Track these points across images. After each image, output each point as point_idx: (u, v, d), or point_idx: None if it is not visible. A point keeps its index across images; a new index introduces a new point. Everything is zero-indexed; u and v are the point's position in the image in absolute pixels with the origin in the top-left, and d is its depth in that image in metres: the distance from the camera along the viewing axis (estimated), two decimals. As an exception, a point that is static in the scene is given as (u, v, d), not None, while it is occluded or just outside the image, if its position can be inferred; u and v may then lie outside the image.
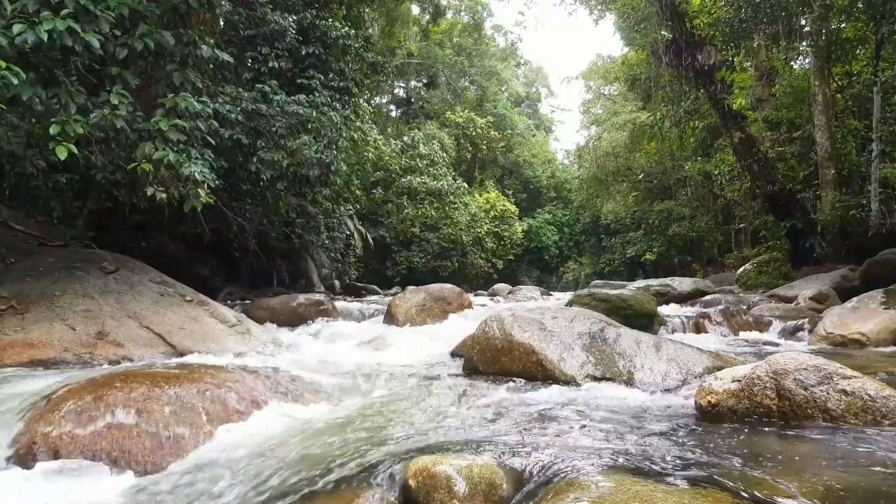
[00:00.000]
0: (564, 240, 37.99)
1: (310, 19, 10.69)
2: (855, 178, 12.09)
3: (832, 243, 11.87)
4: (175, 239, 10.73)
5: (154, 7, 5.07)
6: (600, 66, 33.97)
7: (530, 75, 49.41)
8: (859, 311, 5.36)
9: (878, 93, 10.51)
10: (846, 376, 2.41)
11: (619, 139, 27.80)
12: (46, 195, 7.40)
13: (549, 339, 3.57)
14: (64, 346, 4.31)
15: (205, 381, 2.77)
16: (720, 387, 2.64)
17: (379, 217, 25.18)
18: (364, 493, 1.72)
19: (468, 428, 2.35)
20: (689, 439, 2.15)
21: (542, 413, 2.61)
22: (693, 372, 3.36)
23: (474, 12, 36.67)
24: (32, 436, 2.31)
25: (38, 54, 4.39)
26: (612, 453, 1.92)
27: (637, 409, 2.70)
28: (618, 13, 20.83)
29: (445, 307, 7.95)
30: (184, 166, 5.10)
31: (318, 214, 14.31)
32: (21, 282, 5.04)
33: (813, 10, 10.44)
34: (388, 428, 2.43)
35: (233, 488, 1.94)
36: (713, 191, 22.14)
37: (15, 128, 5.78)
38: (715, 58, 14.20)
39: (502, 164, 38.33)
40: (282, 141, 9.11)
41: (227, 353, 4.83)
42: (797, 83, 13.32)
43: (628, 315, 6.14)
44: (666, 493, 1.55)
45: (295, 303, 8.07)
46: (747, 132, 13.78)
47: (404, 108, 36.29)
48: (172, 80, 5.25)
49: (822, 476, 1.73)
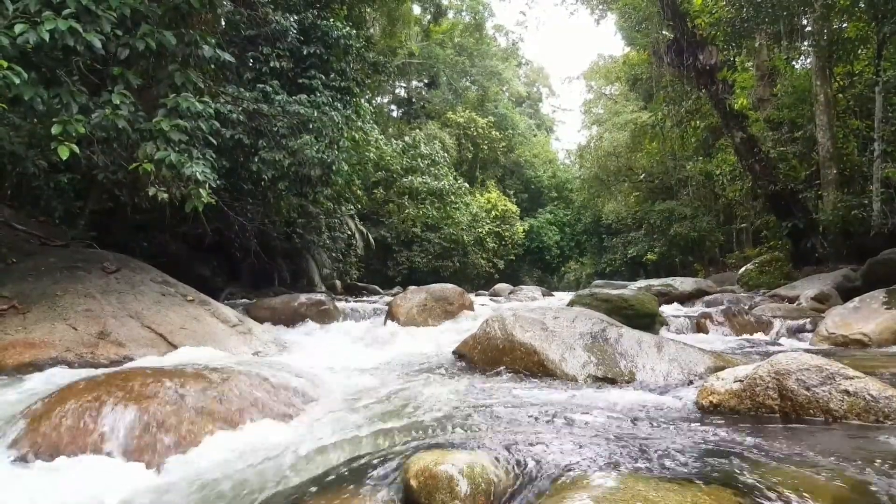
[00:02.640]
0: (566, 240, 37.99)
1: (311, 19, 10.70)
2: (857, 178, 12.09)
3: (834, 243, 11.86)
4: (176, 239, 10.75)
5: (155, 7, 5.08)
6: (601, 65, 33.98)
7: (531, 75, 49.44)
8: (861, 312, 5.35)
9: (880, 92, 10.50)
10: (848, 376, 2.40)
11: (621, 139, 27.78)
12: (48, 195, 7.42)
13: (550, 339, 3.57)
14: (66, 345, 4.31)
15: (206, 380, 2.77)
16: (722, 387, 2.64)
17: (380, 217, 25.20)
18: (365, 492, 1.72)
19: (469, 427, 2.35)
20: (691, 439, 2.14)
21: (544, 413, 2.61)
22: (695, 372, 3.35)
23: (475, 12, 36.69)
24: (34, 435, 2.31)
25: (40, 54, 4.40)
26: (615, 452, 1.92)
27: (639, 408, 2.70)
28: (619, 13, 20.83)
29: (447, 307, 7.94)
30: (185, 166, 5.10)
31: (320, 214, 14.32)
32: (23, 282, 5.04)
33: (814, 10, 10.43)
34: (388, 427, 2.42)
35: (230, 488, 1.94)
36: (714, 191, 22.12)
37: (17, 128, 5.79)
38: (716, 57, 14.20)
39: (503, 164, 38.33)
40: (283, 141, 9.12)
41: (227, 352, 4.83)
42: (799, 83, 13.31)
43: (630, 315, 6.14)
44: (668, 491, 1.54)
45: (296, 303, 8.07)
46: (749, 132, 13.78)
47: (405, 108, 36.31)
48: (174, 80, 5.26)
49: (824, 476, 1.73)
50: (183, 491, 2.00)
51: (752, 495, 1.57)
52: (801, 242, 12.84)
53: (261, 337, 5.67)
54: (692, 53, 14.43)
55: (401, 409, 2.81)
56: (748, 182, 16.16)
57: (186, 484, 2.04)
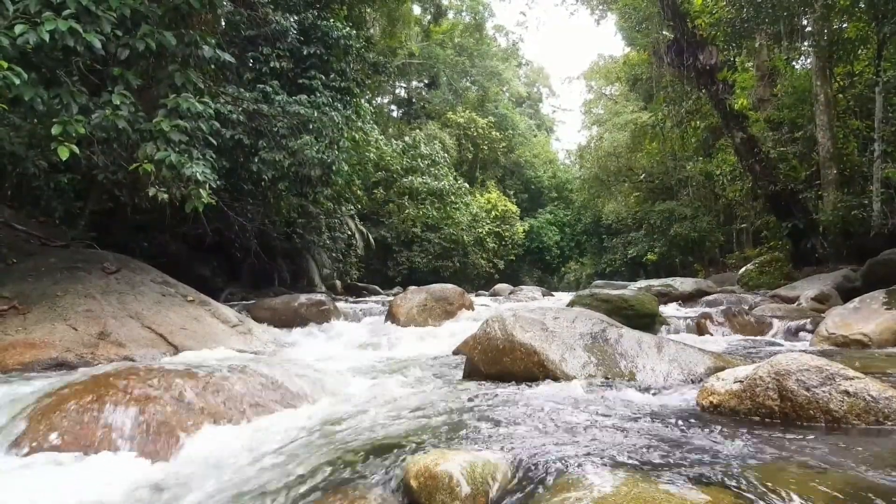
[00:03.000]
0: (566, 240, 37.98)
1: (311, 20, 10.71)
2: (857, 179, 12.08)
3: (834, 244, 11.85)
4: (176, 239, 10.75)
5: (155, 7, 5.08)
6: (602, 66, 33.97)
7: (532, 75, 49.43)
8: (861, 312, 5.34)
9: (880, 93, 10.51)
10: (848, 377, 2.40)
11: (621, 139, 27.77)
12: (48, 195, 7.42)
13: (550, 339, 3.57)
14: (66, 346, 4.32)
15: (205, 379, 2.77)
16: (722, 387, 2.64)
17: (380, 217, 25.19)
18: (364, 492, 1.72)
19: (469, 428, 2.35)
20: (691, 439, 2.14)
21: (544, 413, 2.61)
22: (695, 372, 3.35)
23: (475, 12, 36.68)
24: (35, 434, 2.32)
25: (40, 55, 4.40)
26: (614, 453, 1.92)
27: (638, 409, 2.70)
28: (619, 13, 20.84)
29: (447, 307, 7.95)
30: (185, 167, 5.10)
31: (320, 214, 14.32)
32: (23, 282, 5.05)
33: (814, 10, 10.43)
34: (388, 427, 2.43)
35: (228, 486, 1.94)
36: (715, 191, 22.11)
37: (17, 128, 5.79)
38: (716, 58, 14.20)
39: (503, 165, 38.33)
40: (283, 141, 9.12)
41: (227, 352, 4.83)
42: (799, 83, 13.32)
43: (630, 315, 6.14)
44: (667, 492, 1.55)
45: (296, 303, 8.08)
46: (749, 132, 13.78)
47: (405, 108, 36.30)
48: (174, 81, 5.26)
49: (823, 477, 1.73)
50: (183, 488, 2.00)
51: (752, 496, 1.57)
52: (801, 243, 12.84)
53: (261, 337, 5.67)
54: (692, 54, 14.43)
55: (400, 409, 2.81)
56: (748, 182, 16.15)
57: (186, 481, 2.05)
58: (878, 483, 1.69)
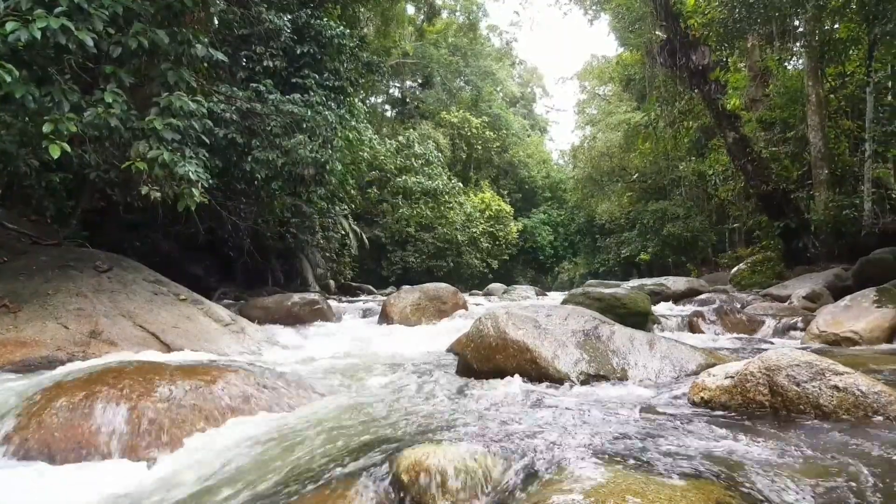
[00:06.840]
0: (559, 240, 38.06)
1: (305, 18, 10.69)
2: (848, 178, 12.17)
3: (825, 243, 11.93)
4: (169, 238, 10.70)
5: (148, 5, 5.06)
6: (595, 66, 34.08)
7: (525, 75, 49.49)
8: (852, 310, 5.39)
9: (871, 93, 10.58)
10: (838, 372, 2.42)
11: (614, 139, 27.88)
12: (40, 194, 7.37)
13: (543, 336, 3.58)
14: (57, 344, 4.29)
15: (196, 378, 2.76)
16: (713, 383, 2.65)
17: (374, 217, 25.19)
18: (356, 487, 1.72)
19: (461, 423, 2.35)
20: (682, 435, 2.16)
21: (536, 409, 2.62)
22: (686, 369, 3.37)
23: (469, 12, 36.70)
24: (24, 433, 2.31)
25: (32, 52, 4.37)
26: (605, 448, 1.93)
27: (630, 405, 2.71)
28: (612, 13, 20.92)
29: (440, 306, 7.95)
30: (178, 165, 5.08)
31: (313, 214, 14.28)
32: (14, 280, 5.02)
33: (806, 11, 10.49)
34: (380, 424, 2.43)
35: (221, 481, 1.94)
36: (707, 191, 22.23)
37: (8, 126, 5.74)
38: (709, 58, 14.27)
39: (497, 164, 38.37)
40: (276, 140, 9.10)
41: (220, 351, 4.82)
42: (791, 83, 13.39)
43: (622, 314, 6.15)
44: (658, 486, 1.55)
45: (289, 302, 8.06)
46: (741, 132, 13.85)
47: (399, 107, 36.28)
48: (167, 79, 5.24)
49: (812, 471, 1.75)
50: (172, 485, 2.00)
51: (742, 490, 1.58)
52: (792, 242, 12.91)
53: (253, 336, 5.66)
54: (685, 54, 14.49)
55: (393, 405, 2.81)
56: (740, 182, 16.24)
57: (176, 478, 2.05)
58: (867, 476, 1.71)
